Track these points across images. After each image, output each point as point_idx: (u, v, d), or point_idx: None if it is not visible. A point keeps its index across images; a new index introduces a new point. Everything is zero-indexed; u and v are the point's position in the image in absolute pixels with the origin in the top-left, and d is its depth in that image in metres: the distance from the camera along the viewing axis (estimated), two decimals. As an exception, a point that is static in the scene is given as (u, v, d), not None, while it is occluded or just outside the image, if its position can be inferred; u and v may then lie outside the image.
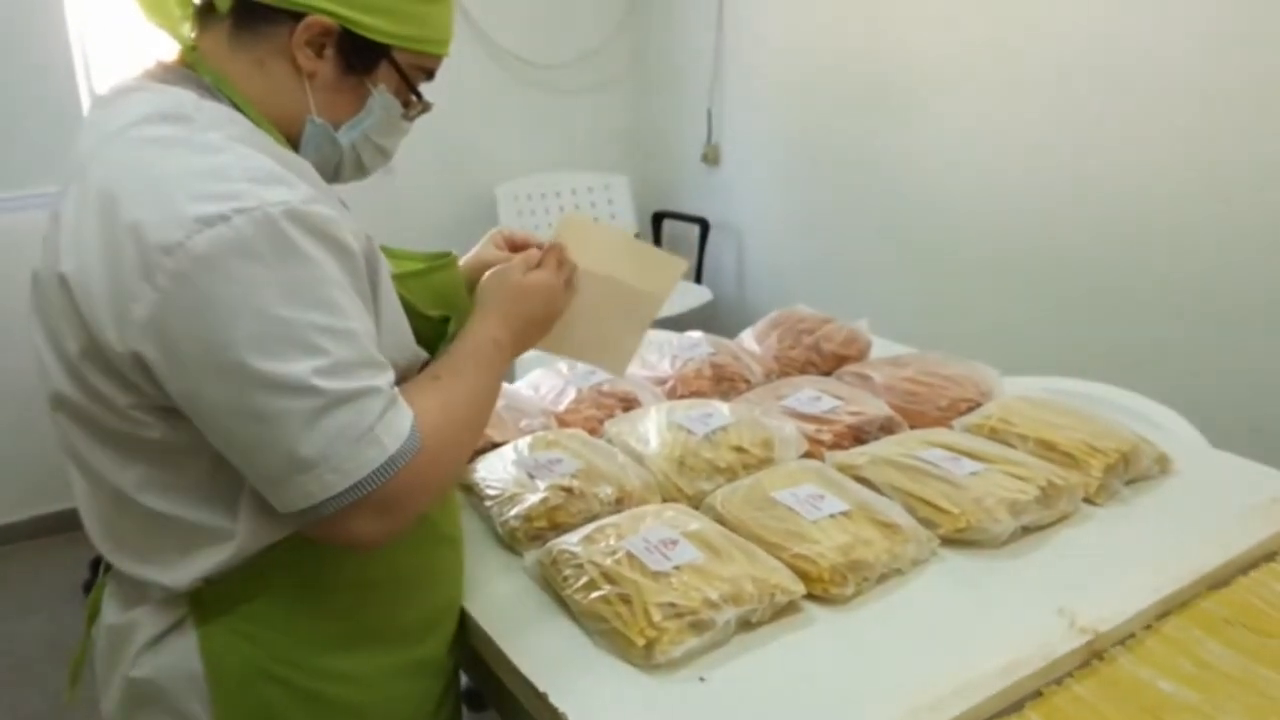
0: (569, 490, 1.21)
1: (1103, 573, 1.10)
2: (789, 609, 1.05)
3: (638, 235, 3.78)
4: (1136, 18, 2.24)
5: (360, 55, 0.91)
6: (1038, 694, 0.93)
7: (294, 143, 0.94)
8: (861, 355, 1.72)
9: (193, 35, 0.91)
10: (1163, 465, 1.34)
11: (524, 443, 1.34)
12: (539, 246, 1.15)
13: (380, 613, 0.98)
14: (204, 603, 0.90)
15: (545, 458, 1.29)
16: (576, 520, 1.18)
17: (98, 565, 0.98)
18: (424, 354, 0.96)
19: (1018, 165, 2.58)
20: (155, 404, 0.82)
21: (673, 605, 0.98)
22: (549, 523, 1.18)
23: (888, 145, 2.94)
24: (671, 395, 1.57)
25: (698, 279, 3.63)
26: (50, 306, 0.84)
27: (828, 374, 1.65)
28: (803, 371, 1.67)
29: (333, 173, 0.98)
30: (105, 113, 0.87)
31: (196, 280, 0.75)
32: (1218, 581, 1.10)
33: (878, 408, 1.45)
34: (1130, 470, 1.30)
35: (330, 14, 0.87)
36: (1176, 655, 0.98)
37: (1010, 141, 2.58)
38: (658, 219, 3.82)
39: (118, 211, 0.77)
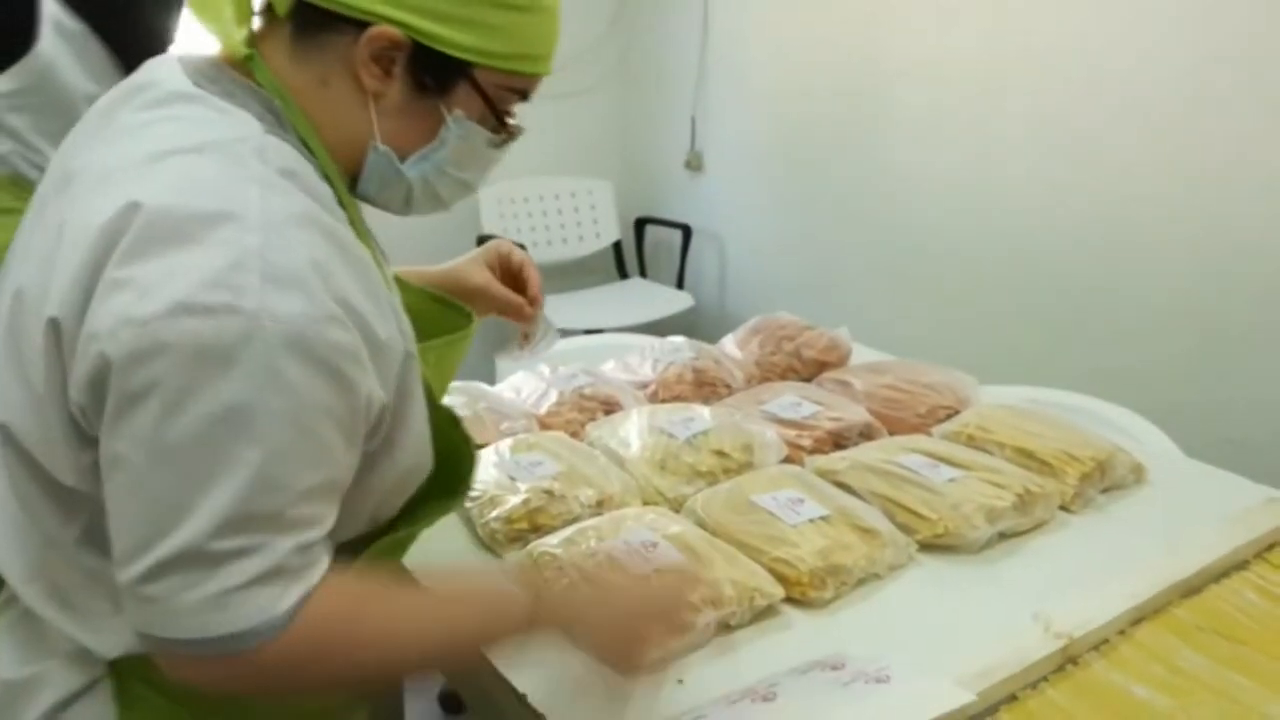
0: (550, 492, 1.21)
1: (1078, 579, 1.12)
2: (768, 612, 1.05)
3: (619, 241, 3.78)
4: (1118, 28, 2.27)
5: (435, 74, 0.79)
6: (1013, 698, 0.94)
7: (355, 174, 0.83)
8: (842, 362, 1.73)
9: (249, 37, 0.79)
10: (1138, 474, 1.35)
11: (505, 445, 1.34)
12: (529, 279, 1.14)
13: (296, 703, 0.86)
14: (126, 666, 0.79)
15: (526, 460, 1.29)
16: (557, 522, 1.19)
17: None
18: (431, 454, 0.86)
19: (998, 176, 2.60)
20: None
21: (653, 607, 0.98)
22: (530, 525, 1.18)
23: (870, 154, 2.96)
24: (653, 399, 1.57)
25: (680, 285, 3.64)
26: (27, 339, 0.73)
27: (808, 380, 1.66)
28: (783, 377, 1.67)
29: (402, 205, 0.87)
30: (150, 126, 0.74)
31: (150, 362, 0.64)
32: (1191, 589, 1.11)
33: (857, 414, 1.46)
34: (1106, 479, 1.31)
35: (399, 24, 0.75)
36: (1150, 661, 0.99)
37: (991, 152, 2.60)
38: (640, 225, 3.83)
39: (91, 259, 0.67)
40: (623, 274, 3.83)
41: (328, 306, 0.68)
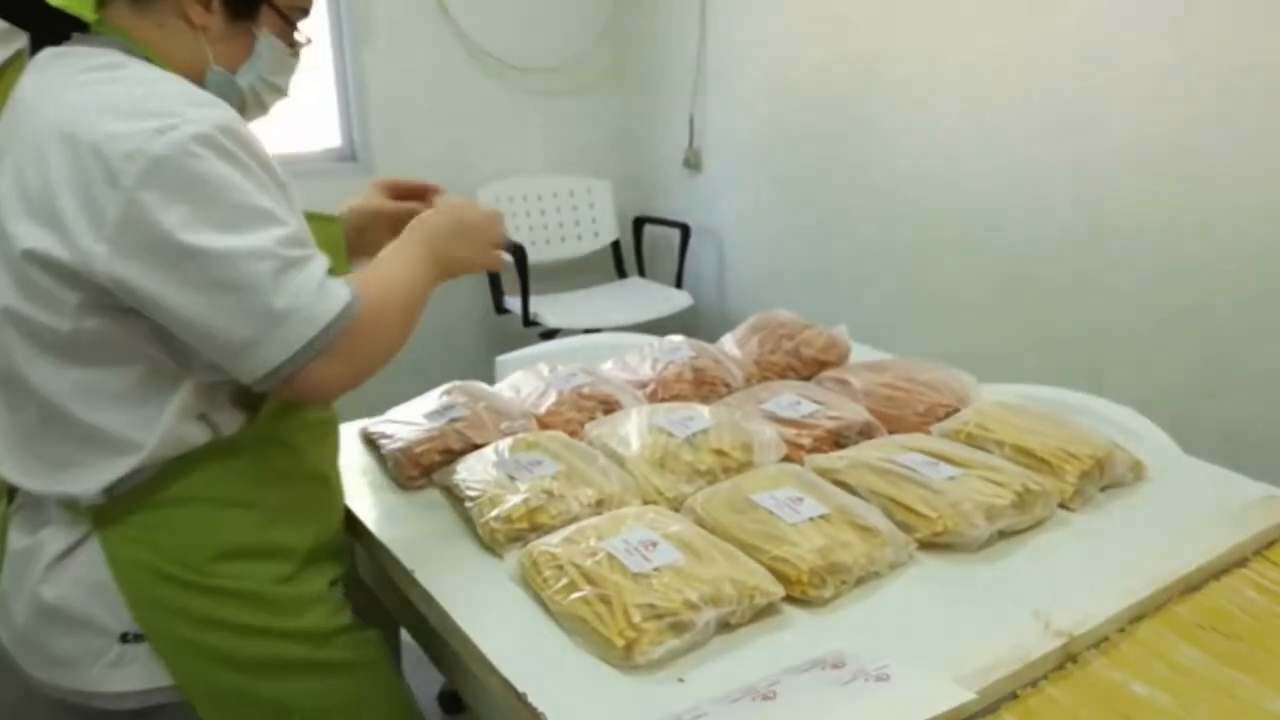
0: (549, 492, 1.21)
1: (1077, 577, 1.12)
2: (768, 611, 1.05)
3: (618, 240, 3.78)
4: (1106, 24, 2.27)
5: (243, 4, 1.04)
6: (1013, 696, 0.94)
7: None
8: (840, 360, 1.73)
9: (94, 7, 0.99)
10: (1137, 472, 1.36)
11: (504, 444, 1.34)
12: (423, 186, 1.34)
13: (258, 532, 1.07)
14: (106, 518, 1.00)
15: (526, 459, 1.29)
16: (557, 522, 1.18)
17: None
18: None
19: (997, 175, 2.60)
20: (104, 303, 0.92)
21: (652, 606, 0.98)
22: (529, 524, 1.18)
23: (868, 153, 2.96)
24: (652, 398, 1.57)
25: (679, 284, 3.64)
26: None
27: (807, 379, 1.66)
28: (782, 376, 1.67)
29: (238, 112, 1.02)
30: (44, 75, 0.97)
31: (158, 177, 0.87)
32: (1190, 586, 1.11)
33: (856, 413, 1.46)
34: (1105, 476, 1.31)
35: None
36: (1150, 658, 0.99)
37: (990, 151, 2.61)
38: (639, 223, 3.83)
39: (78, 136, 0.88)
40: (621, 273, 3.83)
41: (233, 113, 0.95)
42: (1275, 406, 2.10)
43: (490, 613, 1.07)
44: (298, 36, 1.12)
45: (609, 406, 1.52)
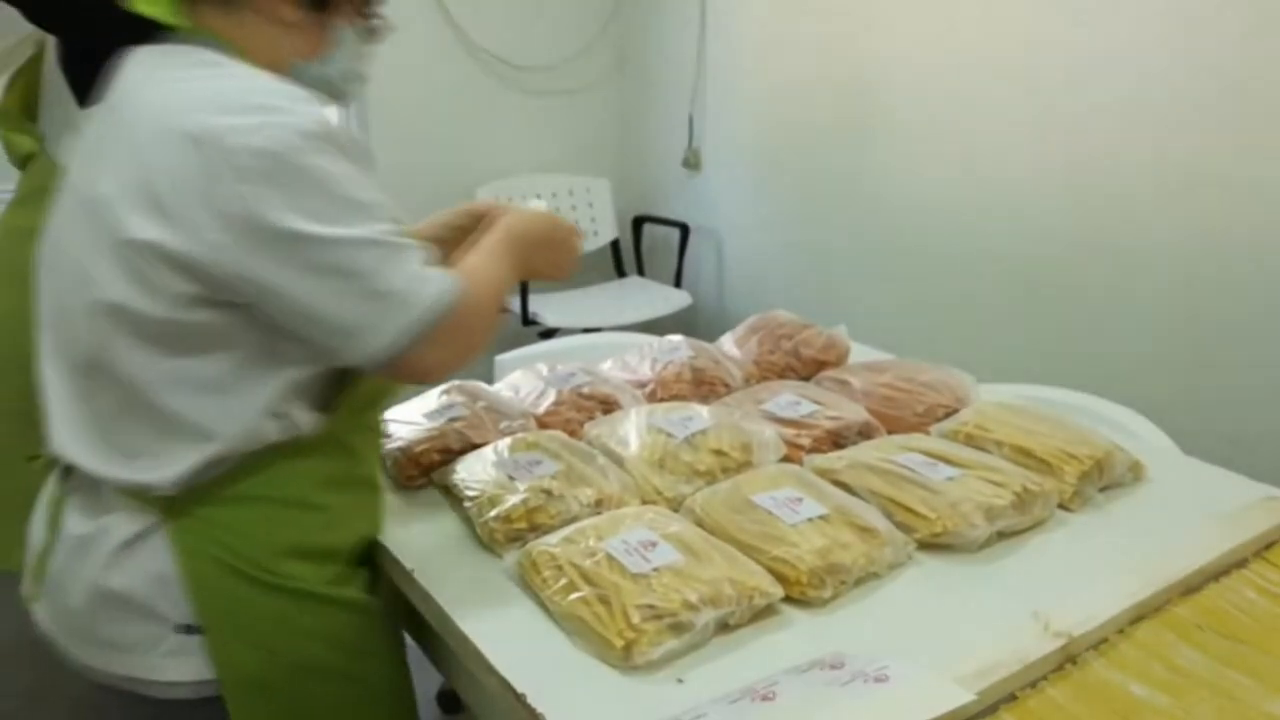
0: (548, 492, 1.21)
1: (1077, 578, 1.12)
2: (767, 611, 1.05)
3: (617, 240, 3.78)
4: (1107, 29, 2.27)
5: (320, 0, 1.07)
6: (1012, 697, 0.94)
7: None
8: (840, 361, 1.73)
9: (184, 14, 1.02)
10: (1136, 472, 1.36)
11: (504, 444, 1.33)
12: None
13: (318, 534, 1.09)
14: (175, 510, 1.02)
15: (525, 459, 1.29)
16: (556, 522, 1.18)
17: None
18: None
19: (995, 173, 2.60)
20: (213, 294, 0.95)
21: (651, 607, 0.98)
22: (528, 524, 1.18)
23: (866, 154, 2.96)
24: (651, 398, 1.57)
25: (678, 283, 3.64)
26: (97, 221, 0.96)
27: (806, 379, 1.66)
28: (782, 376, 1.67)
29: (326, 101, 1.09)
30: (144, 72, 1.00)
31: (270, 170, 0.91)
32: (1190, 587, 1.11)
33: (856, 413, 1.46)
34: (1104, 477, 1.31)
35: None
36: (1149, 660, 0.99)
37: (987, 150, 2.61)
38: (638, 223, 3.83)
39: (189, 131, 0.91)
40: (620, 272, 3.83)
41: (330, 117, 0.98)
42: (1275, 407, 2.10)
43: (489, 613, 1.07)
44: (377, 22, 1.14)
45: (608, 406, 1.52)
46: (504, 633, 1.03)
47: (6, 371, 1.83)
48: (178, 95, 0.96)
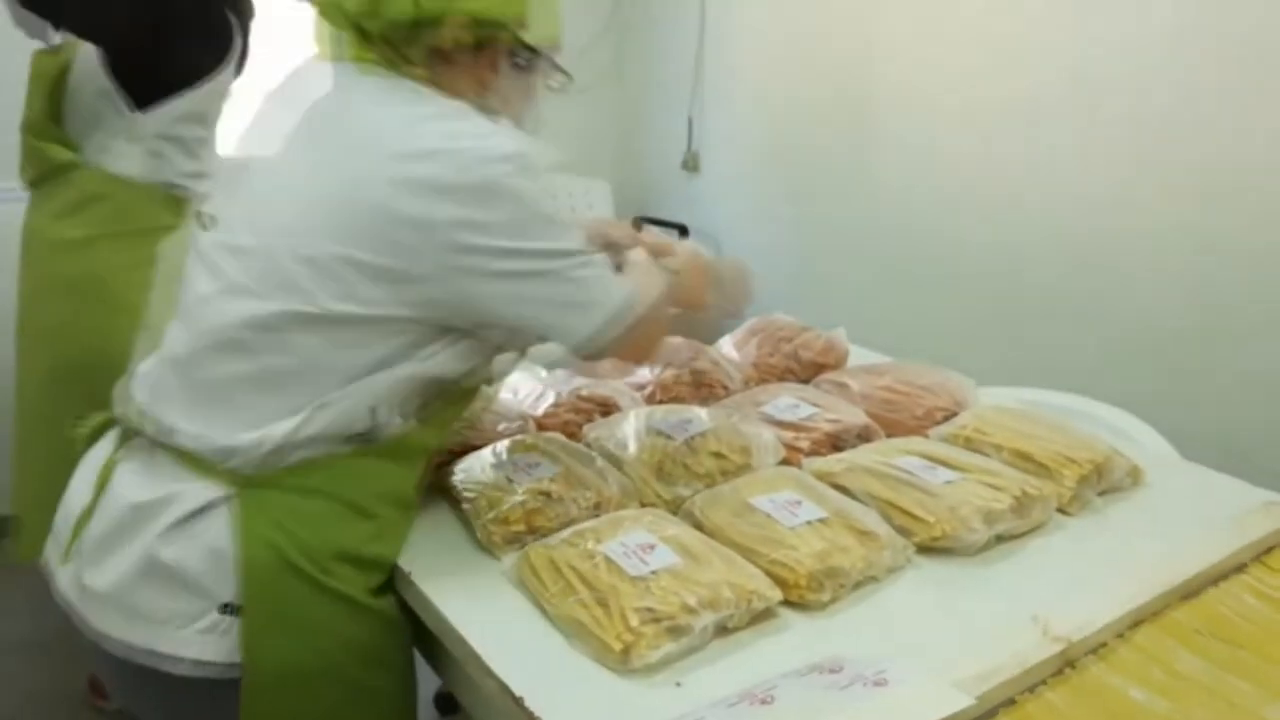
0: (547, 494, 1.21)
1: (1076, 582, 1.12)
2: (765, 615, 1.05)
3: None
4: (1107, 29, 2.27)
5: (523, 64, 1.20)
6: (1011, 702, 0.94)
7: None
8: (839, 363, 1.73)
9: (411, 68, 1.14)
10: (1135, 477, 1.36)
11: (502, 446, 1.33)
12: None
13: (368, 543, 1.11)
14: (245, 491, 1.05)
15: (524, 461, 1.29)
16: (554, 524, 1.18)
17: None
18: None
19: (995, 176, 2.60)
20: (412, 299, 1.05)
21: (650, 610, 0.98)
22: (527, 526, 1.18)
23: (866, 155, 2.96)
24: (650, 401, 1.57)
25: (676, 285, 3.63)
26: (295, 224, 1.06)
27: (806, 382, 1.66)
28: (781, 379, 1.67)
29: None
30: (360, 95, 1.12)
31: (486, 192, 1.02)
32: (1189, 592, 1.11)
33: (855, 416, 1.46)
34: (1103, 481, 1.31)
35: (503, 41, 1.16)
36: (1148, 664, 0.99)
37: (987, 153, 2.61)
38: (637, 225, 3.82)
39: (418, 150, 1.03)
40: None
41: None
42: (1274, 412, 2.10)
43: (487, 615, 1.06)
44: (560, 78, 1.30)
45: (607, 408, 1.52)
46: (502, 635, 1.03)
47: (66, 379, 1.87)
48: (393, 121, 1.07)
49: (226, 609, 1.04)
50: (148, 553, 1.04)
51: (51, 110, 1.89)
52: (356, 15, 1.11)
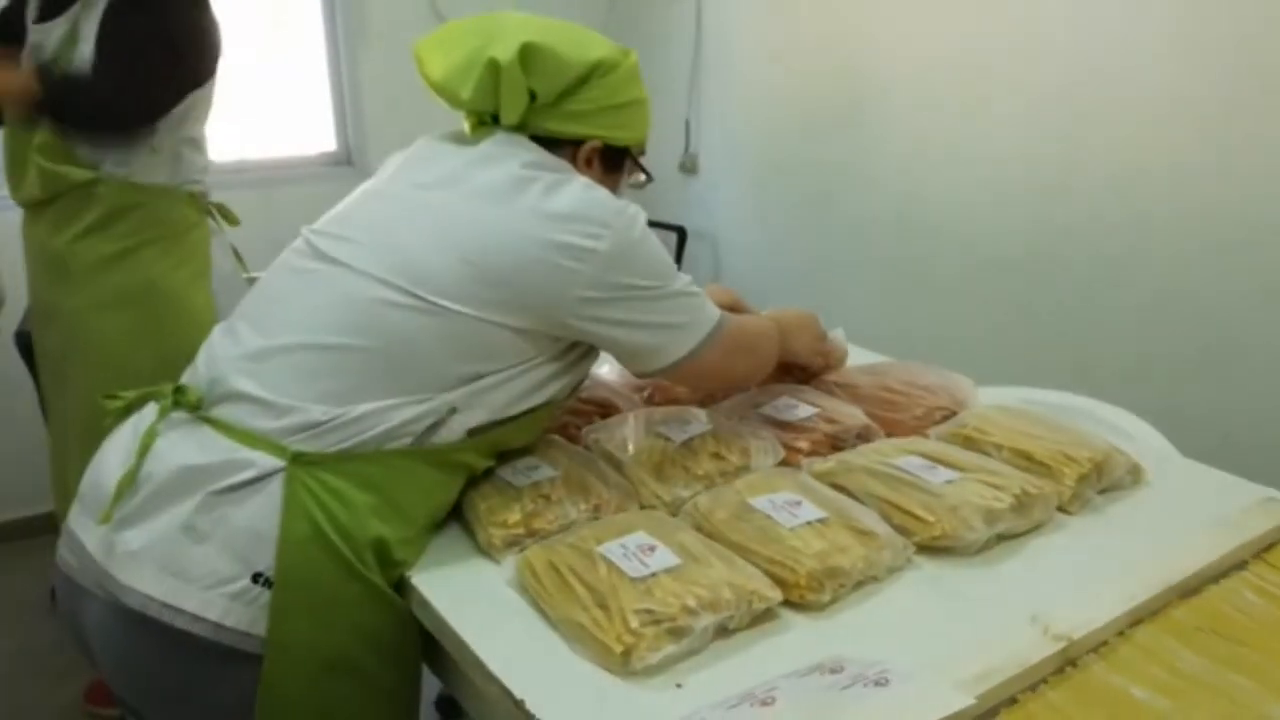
0: (547, 497, 1.21)
1: (1076, 581, 1.11)
2: (766, 616, 1.05)
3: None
4: (1104, 31, 2.27)
5: (616, 158, 1.36)
6: (1012, 701, 0.93)
7: None
8: (838, 364, 1.73)
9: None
10: (1135, 475, 1.35)
11: (501, 449, 1.33)
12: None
13: (400, 547, 1.14)
14: (303, 463, 1.08)
15: (523, 464, 1.29)
16: (554, 527, 1.18)
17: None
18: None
19: (993, 176, 2.60)
20: (535, 329, 1.17)
21: (650, 612, 0.97)
22: (526, 529, 1.18)
23: (864, 156, 2.96)
24: (649, 402, 1.57)
25: (675, 287, 3.63)
26: (442, 250, 1.15)
27: (805, 382, 1.65)
28: (780, 380, 1.67)
29: None
30: (493, 162, 1.21)
31: (620, 246, 1.16)
32: (1189, 590, 1.11)
33: (854, 416, 1.46)
34: (1104, 480, 1.31)
35: (599, 138, 1.30)
36: (1149, 662, 0.99)
37: (985, 153, 2.61)
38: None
39: (551, 215, 1.15)
40: (618, 276, 3.82)
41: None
42: (1274, 409, 2.10)
43: (487, 618, 1.06)
44: (643, 175, 1.44)
45: (606, 411, 1.52)
46: (502, 638, 1.03)
47: (123, 385, 1.87)
48: (539, 185, 1.18)
49: (258, 579, 1.05)
50: (196, 512, 1.06)
51: (61, 131, 1.91)
52: (505, 125, 1.26)
